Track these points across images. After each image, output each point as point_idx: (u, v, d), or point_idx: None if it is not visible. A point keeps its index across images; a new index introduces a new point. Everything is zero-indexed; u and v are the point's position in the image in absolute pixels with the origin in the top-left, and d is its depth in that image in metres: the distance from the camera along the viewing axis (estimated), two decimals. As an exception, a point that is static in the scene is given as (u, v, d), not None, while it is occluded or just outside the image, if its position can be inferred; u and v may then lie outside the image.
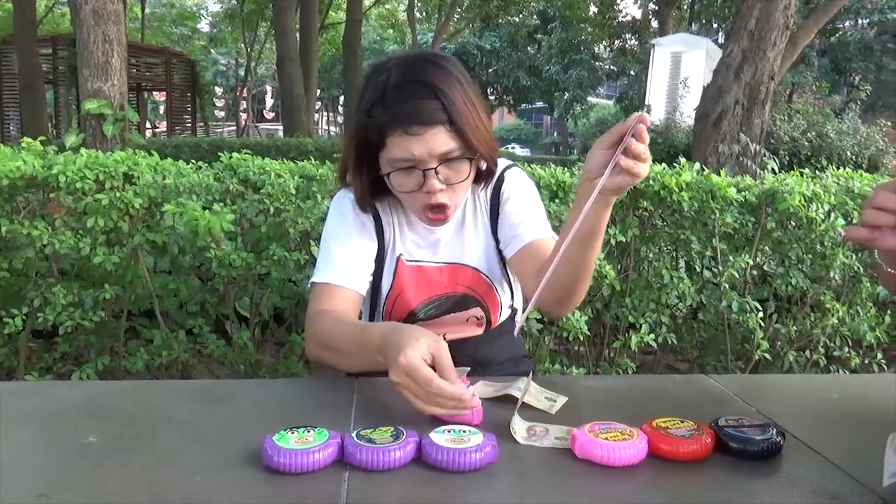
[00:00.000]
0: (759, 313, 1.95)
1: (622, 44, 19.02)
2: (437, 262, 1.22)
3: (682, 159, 1.93)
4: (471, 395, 0.87)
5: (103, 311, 1.82)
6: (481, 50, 22.33)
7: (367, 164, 1.12)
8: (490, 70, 22.44)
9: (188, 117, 15.46)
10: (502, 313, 1.26)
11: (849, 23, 15.55)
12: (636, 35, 18.51)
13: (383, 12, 23.32)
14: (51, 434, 0.87)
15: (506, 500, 0.76)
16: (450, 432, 0.85)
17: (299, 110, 9.42)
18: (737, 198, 1.88)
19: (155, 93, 19.17)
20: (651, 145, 0.96)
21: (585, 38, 18.60)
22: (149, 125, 19.59)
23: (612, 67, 20.38)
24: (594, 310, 2.00)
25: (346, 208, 1.18)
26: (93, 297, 1.76)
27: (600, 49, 20.13)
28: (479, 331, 1.24)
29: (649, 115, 0.91)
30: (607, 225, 1.06)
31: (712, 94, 4.53)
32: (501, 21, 20.27)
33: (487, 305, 1.22)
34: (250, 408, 0.98)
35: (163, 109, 18.99)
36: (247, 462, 0.80)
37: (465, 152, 1.06)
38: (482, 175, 1.18)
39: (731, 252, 1.95)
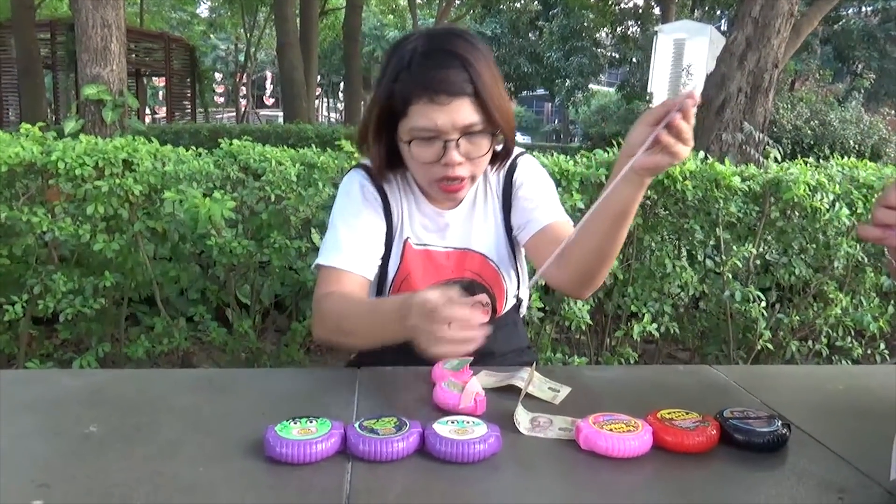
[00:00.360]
0: (762, 303, 1.94)
1: (624, 31, 18.89)
2: (444, 248, 1.21)
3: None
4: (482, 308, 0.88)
5: (104, 299, 1.82)
6: (482, 36, 22.21)
7: (387, 133, 1.11)
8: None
9: (188, 103, 15.38)
10: (507, 302, 1.25)
11: (852, 10, 15.43)
12: (638, 22, 18.38)
13: (384, -3, 23.16)
14: (51, 423, 0.86)
15: (510, 491, 0.75)
16: (453, 423, 0.84)
17: (299, 97, 9.36)
18: (741, 187, 1.87)
19: (154, 78, 19.09)
20: None
21: (587, 24, 18.46)
22: (148, 111, 19.51)
23: (613, 55, 20.25)
24: (596, 299, 1.99)
25: (356, 189, 1.17)
26: (93, 284, 1.75)
27: (602, 36, 20.00)
28: (485, 319, 1.23)
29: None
30: None
31: (715, 81, 4.50)
32: (503, 7, 20.12)
33: (494, 292, 1.21)
34: (252, 397, 0.97)
35: (162, 95, 18.90)
36: (249, 452, 0.80)
37: (487, 127, 1.06)
38: (498, 156, 1.18)
39: (734, 241, 1.94)
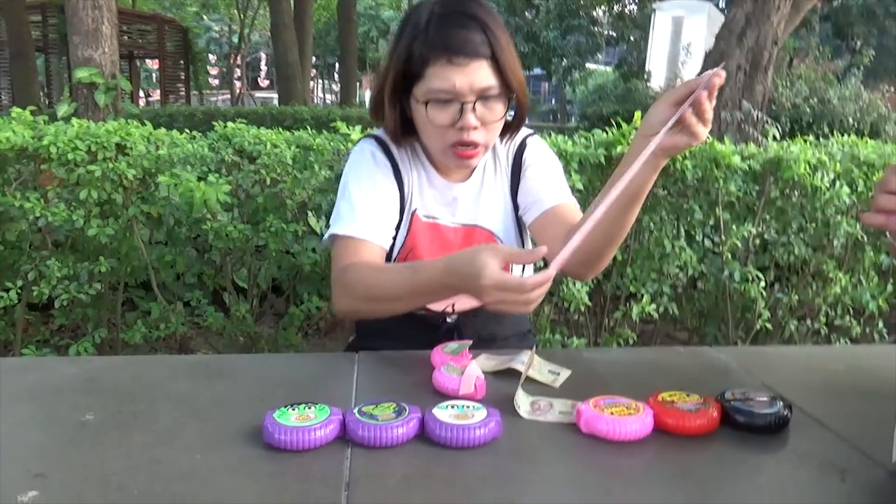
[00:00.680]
0: (761, 282, 1.94)
1: (621, 8, 18.71)
2: (453, 223, 1.20)
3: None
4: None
5: (99, 284, 1.80)
6: (479, 15, 21.81)
7: (401, 98, 1.10)
8: (487, 36, 21.95)
9: (181, 86, 15.25)
10: None
11: (852, -14, 15.29)
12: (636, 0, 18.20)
13: (379, -23, 22.86)
14: (48, 411, 0.85)
15: (510, 476, 0.74)
16: (453, 408, 0.83)
17: (294, 78, 9.27)
18: (741, 166, 1.85)
19: (147, 61, 18.90)
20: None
21: (584, 2, 18.28)
22: (142, 94, 19.34)
23: (610, 33, 20.08)
24: (595, 280, 1.98)
25: (368, 156, 1.16)
26: (88, 269, 1.74)
27: (599, 14, 19.80)
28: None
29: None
30: None
31: (714, 59, 4.46)
32: (499, -15, 19.92)
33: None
34: (250, 383, 0.96)
35: (156, 78, 18.72)
36: (247, 439, 0.79)
37: (503, 91, 1.06)
38: (509, 127, 1.17)
39: (733, 221, 1.93)
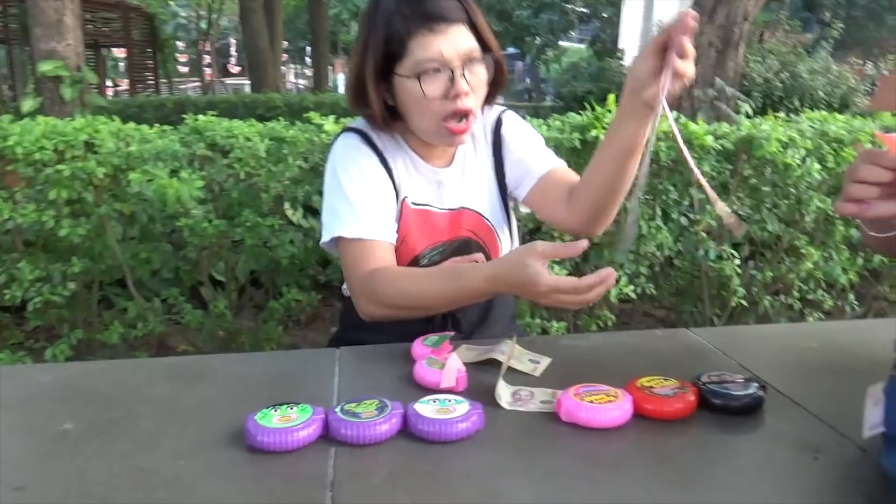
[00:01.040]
0: (736, 260, 1.97)
1: (593, -15, 18.64)
2: (441, 209, 1.20)
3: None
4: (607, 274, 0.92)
5: (73, 283, 1.77)
6: (450, -5, 21.60)
7: (383, 82, 1.10)
8: (460, 16, 21.75)
9: (150, 74, 14.90)
10: None
11: (820, -42, 15.40)
12: (608, -24, 18.14)
13: (348, -42, 22.49)
14: (25, 422, 0.84)
15: (493, 468, 0.75)
16: (435, 402, 0.84)
17: (265, 64, 9.13)
18: (714, 146, 1.87)
19: (113, 49, 18.47)
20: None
21: (556, -21, 18.18)
22: (109, 83, 18.92)
23: (583, 10, 20.02)
24: (573, 262, 2.00)
25: (354, 151, 1.14)
26: (61, 270, 1.71)
27: (571, -9, 19.71)
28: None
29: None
30: None
31: (686, 37, 4.46)
32: (470, -36, 19.69)
33: (489, 250, 1.22)
34: (230, 384, 0.96)
35: (123, 67, 18.32)
36: (230, 442, 0.79)
37: (483, 53, 1.08)
38: (492, 90, 1.16)
39: (707, 201, 1.95)
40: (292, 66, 29.45)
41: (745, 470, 0.76)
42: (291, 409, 0.82)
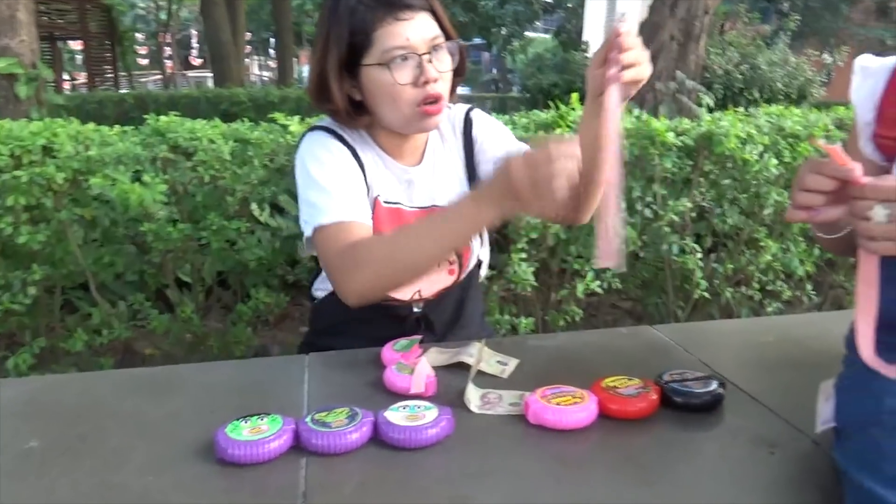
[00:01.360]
0: (698, 254, 2.01)
1: (558, -24, 18.69)
2: (412, 207, 1.20)
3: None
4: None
5: (34, 287, 1.73)
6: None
7: (347, 76, 1.09)
8: (425, 7, 21.63)
9: (109, 67, 14.53)
10: (471, 260, 1.25)
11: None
12: (572, -33, 18.21)
13: (311, -53, 22.18)
14: (-12, 440, 0.83)
15: (463, 473, 0.77)
16: (405, 409, 0.85)
17: (228, 58, 8.97)
18: (675, 142, 1.91)
19: (70, 42, 17.95)
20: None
21: (520, -30, 18.19)
22: (67, 76, 18.40)
23: (548, 0, 20.07)
24: (540, 259, 2.02)
25: (322, 146, 1.13)
26: (21, 278, 1.67)
27: (536, -18, 19.75)
28: (451, 279, 1.23)
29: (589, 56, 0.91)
30: None
31: (648, 30, 4.53)
32: (435, -46, 19.59)
33: (460, 249, 1.21)
34: (198, 394, 0.96)
35: (80, 60, 17.81)
36: (200, 455, 0.79)
37: (447, 38, 1.09)
38: (454, 79, 1.16)
39: (670, 196, 1.99)
40: (256, 58, 28.99)
41: (704, 467, 0.79)
42: (262, 419, 0.82)
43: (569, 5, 18.59)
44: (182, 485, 0.74)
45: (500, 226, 1.97)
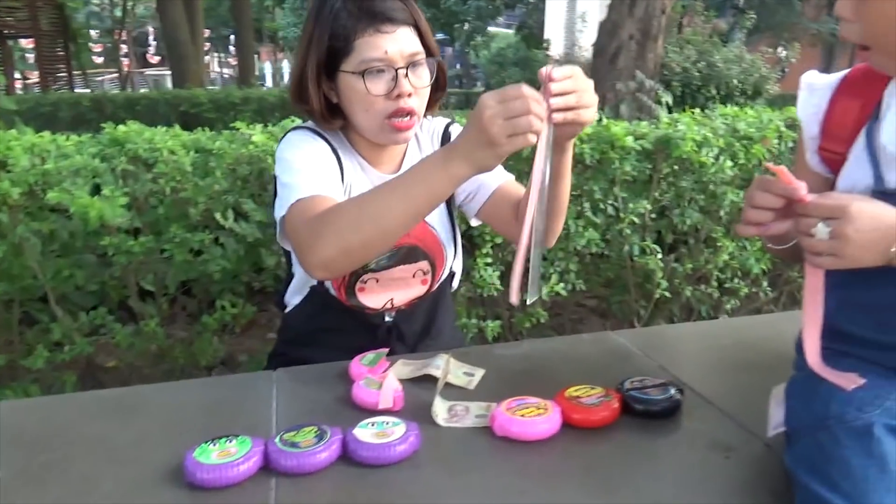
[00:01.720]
0: (659, 255, 2.06)
1: (519, -28, 18.78)
2: None
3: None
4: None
5: (-10, 302, 1.69)
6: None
7: (325, 79, 1.10)
8: (387, 3, 21.51)
9: (62, 66, 14.13)
10: (444, 271, 1.27)
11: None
12: (533, -37, 18.30)
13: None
14: (-51, 472, 0.82)
15: (431, 488, 0.79)
16: (373, 425, 0.86)
17: (187, 58, 8.78)
18: (634, 146, 1.95)
19: (21, 40, 17.40)
20: None
21: (482, -34, 18.23)
22: (18, 75, 17.82)
23: (509, -5, 20.14)
24: (506, 262, 2.05)
25: (303, 139, 1.14)
26: (-24, 295, 1.64)
27: (498, -22, 19.80)
28: (424, 289, 1.24)
29: (551, 54, 0.90)
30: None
31: (608, 29, 4.59)
32: (395, -49, 19.48)
33: (434, 259, 1.23)
34: (166, 416, 0.95)
35: (32, 58, 17.27)
36: (169, 480, 0.79)
37: (427, 55, 1.10)
38: (434, 95, 1.18)
39: (631, 198, 2.03)
40: (216, 55, 28.46)
41: (663, 473, 0.82)
42: (230, 441, 0.82)
43: (530, 1, 18.68)
44: (152, 511, 0.74)
45: (467, 232, 1.99)
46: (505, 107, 0.82)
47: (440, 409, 0.94)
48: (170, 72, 11.13)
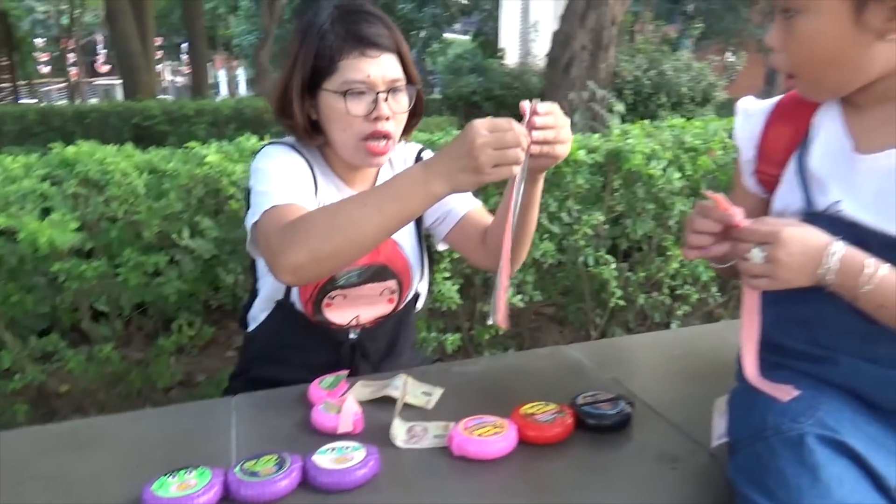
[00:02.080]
0: (612, 265, 2.12)
1: (473, -21, 18.97)
2: None
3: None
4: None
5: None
6: (332, -11, 21.25)
7: (308, 96, 1.13)
8: (343, 10, 21.46)
9: (6, 77, 13.75)
10: (411, 292, 1.29)
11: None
12: (487, -29, 18.50)
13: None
14: None
15: (391, 512, 0.80)
16: (332, 451, 0.88)
17: (138, 69, 8.60)
18: (586, 159, 2.00)
19: (-39, 50, 16.79)
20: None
21: (437, -26, 18.36)
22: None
23: (465, 1, 20.32)
24: (464, 275, 2.08)
25: (282, 151, 1.16)
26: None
27: (452, -15, 19.95)
28: (390, 308, 1.26)
29: (533, 103, 0.93)
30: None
31: (560, 39, 4.69)
32: (350, -42, 19.46)
33: (401, 279, 1.24)
34: (124, 449, 0.95)
35: (-26, 69, 16.67)
36: (127, 515, 0.79)
37: (407, 83, 1.14)
38: (411, 120, 1.20)
39: (584, 210, 2.08)
40: (168, 63, 27.91)
41: (614, 487, 0.86)
42: (189, 473, 0.83)
43: (486, 8, 18.85)
44: (110, 549, 0.74)
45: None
46: (497, 137, 0.86)
47: (399, 431, 0.96)
48: (120, 80, 10.87)
